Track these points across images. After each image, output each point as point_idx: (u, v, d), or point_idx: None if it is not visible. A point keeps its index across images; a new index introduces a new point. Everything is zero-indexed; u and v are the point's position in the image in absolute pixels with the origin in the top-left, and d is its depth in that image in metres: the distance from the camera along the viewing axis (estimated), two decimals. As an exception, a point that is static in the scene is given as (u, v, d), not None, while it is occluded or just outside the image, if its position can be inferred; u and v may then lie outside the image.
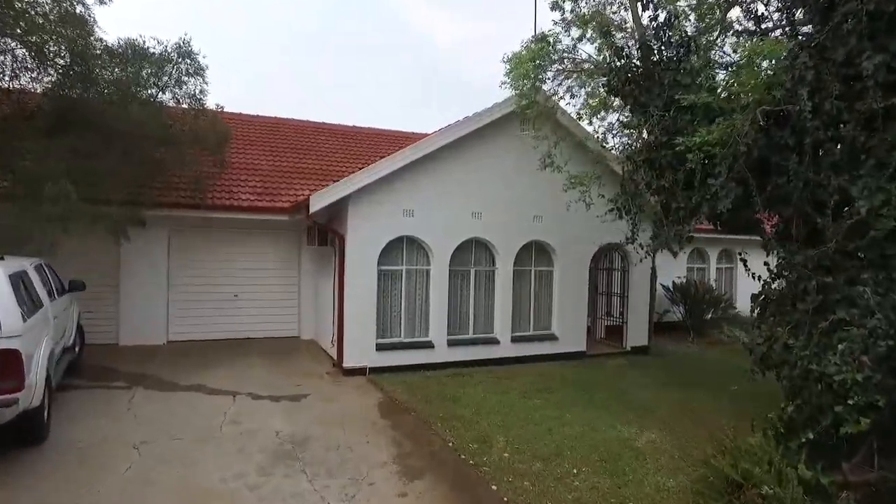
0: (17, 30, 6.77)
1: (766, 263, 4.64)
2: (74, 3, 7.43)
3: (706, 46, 6.09)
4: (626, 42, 6.53)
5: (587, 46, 7.26)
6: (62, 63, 7.54)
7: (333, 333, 8.80)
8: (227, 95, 40.23)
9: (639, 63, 5.79)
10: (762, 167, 4.57)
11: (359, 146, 13.71)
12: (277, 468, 4.92)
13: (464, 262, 9.30)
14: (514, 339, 9.55)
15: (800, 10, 4.88)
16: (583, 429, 6.19)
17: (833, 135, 4.10)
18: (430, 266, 8.95)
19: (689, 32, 5.86)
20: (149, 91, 8.53)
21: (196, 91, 8.93)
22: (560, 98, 7.63)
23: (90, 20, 7.60)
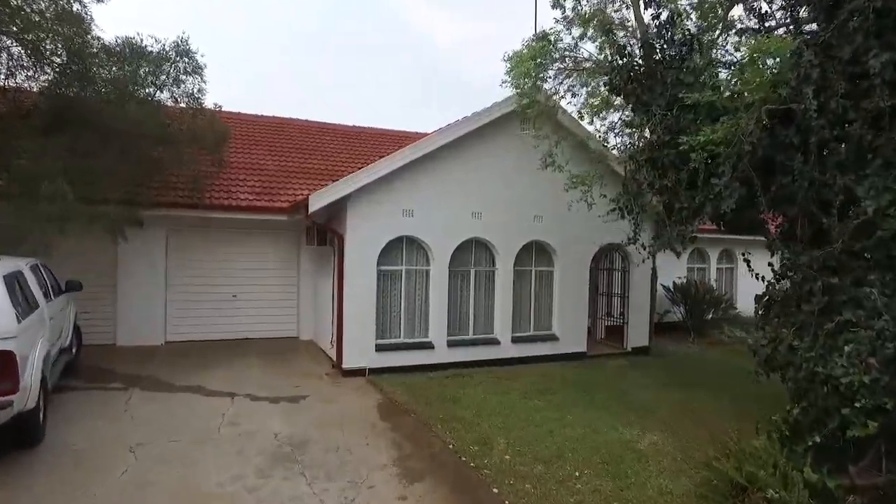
0: (13, 27, 6.71)
1: (771, 264, 4.59)
2: (71, 1, 7.38)
3: (708, 45, 6.05)
4: (628, 41, 6.49)
5: (588, 45, 7.23)
6: (59, 61, 7.48)
7: (332, 334, 8.74)
8: (228, 95, 40.16)
9: (641, 62, 5.74)
10: (766, 167, 4.52)
11: (361, 146, 13.63)
12: (276, 470, 4.87)
13: (464, 263, 9.25)
14: (515, 340, 9.51)
15: (804, 8, 4.85)
16: (584, 430, 6.14)
17: (839, 134, 4.06)
18: (430, 266, 8.89)
19: (692, 31, 5.80)
20: (146, 90, 8.47)
21: (194, 90, 8.89)
22: (561, 97, 7.58)
23: (87, 18, 7.54)
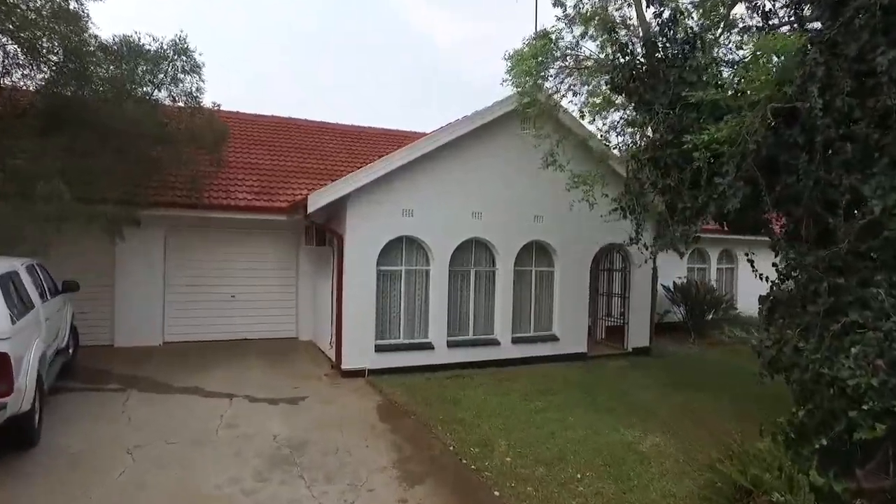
0: (9, 25, 6.64)
1: (775, 265, 4.54)
2: (68, -1, 7.32)
3: (710, 44, 5.99)
4: (630, 39, 6.43)
5: (589, 44, 7.19)
6: (55, 60, 7.42)
7: (332, 334, 8.68)
8: (228, 95, 39.96)
9: (643, 60, 5.69)
10: (771, 166, 4.47)
11: (361, 146, 13.56)
12: (274, 473, 4.81)
13: (464, 263, 9.20)
14: (515, 340, 9.45)
15: (808, 6, 4.80)
16: (586, 432, 6.09)
17: (845, 132, 4.00)
18: (430, 266, 8.84)
19: (694, 29, 5.75)
20: (144, 89, 8.42)
21: (192, 89, 8.84)
22: (562, 96, 7.53)
23: (84, 16, 7.48)
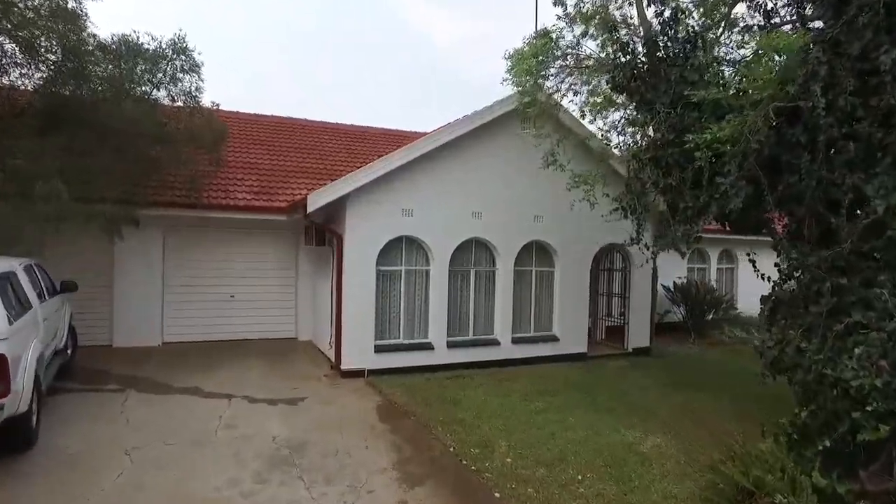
0: (7, 24, 6.61)
1: (777, 264, 4.51)
2: (67, -2, 7.28)
3: (711, 43, 5.97)
4: (631, 38, 6.41)
5: (589, 43, 7.16)
6: (54, 59, 7.39)
7: (331, 335, 8.65)
8: (227, 95, 39.89)
9: (644, 59, 5.66)
10: (773, 165, 4.44)
11: (361, 146, 13.52)
12: (274, 475, 4.78)
13: (464, 263, 9.17)
14: (515, 341, 9.43)
15: (810, 5, 4.77)
16: (586, 433, 6.07)
17: (847, 132, 3.97)
18: (430, 266, 8.81)
19: (695, 28, 5.73)
20: (143, 88, 8.40)
21: (191, 88, 8.82)
22: (563, 95, 7.51)
23: (82, 15, 7.44)
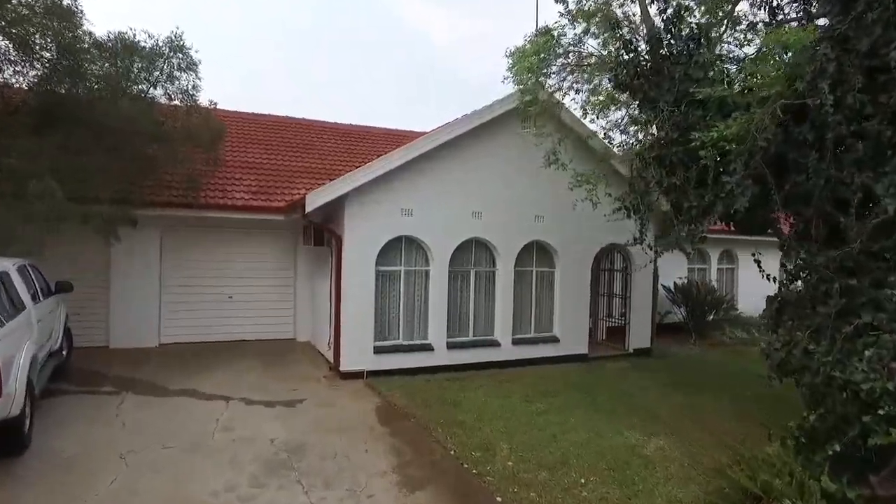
0: (0, 20, 6.51)
1: (784, 265, 4.45)
2: (61, -5, 7.18)
3: (715, 40, 5.90)
4: (633, 36, 6.33)
5: (590, 41, 7.08)
6: (49, 56, 7.29)
7: (330, 336, 8.57)
8: (223, 93, 39.72)
9: (648, 57, 5.59)
10: (780, 164, 4.38)
11: (360, 146, 13.41)
12: (271, 479, 4.70)
13: (463, 263, 9.09)
14: (515, 342, 9.35)
15: (816, 1, 4.71)
16: (588, 435, 6.00)
17: (856, 129, 3.91)
18: (430, 266, 8.73)
19: (701, 23, 5.65)
20: (139, 86, 8.28)
21: (188, 86, 8.69)
22: (564, 94, 7.43)
23: (78, 12, 7.34)
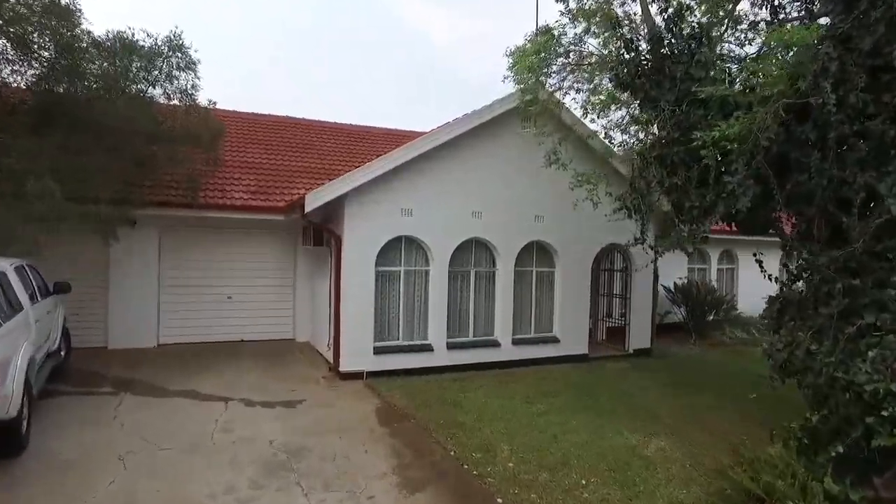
0: (-2, 20, 6.49)
1: (785, 265, 4.42)
2: (60, -7, 7.15)
3: (715, 40, 5.88)
4: (634, 35, 6.31)
5: (591, 41, 7.05)
6: (47, 56, 7.25)
7: (330, 336, 8.54)
8: (223, 93, 39.68)
9: (648, 56, 5.57)
10: (782, 163, 4.35)
11: (360, 146, 13.37)
12: (271, 481, 4.67)
13: (463, 263, 9.06)
14: (515, 342, 9.32)
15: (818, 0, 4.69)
16: (589, 436, 5.97)
17: (859, 129, 3.90)
18: (430, 267, 8.70)
19: (702, 22, 5.63)
20: (138, 86, 8.24)
21: (188, 86, 8.64)
22: (564, 93, 7.41)
23: (76, 11, 7.30)
